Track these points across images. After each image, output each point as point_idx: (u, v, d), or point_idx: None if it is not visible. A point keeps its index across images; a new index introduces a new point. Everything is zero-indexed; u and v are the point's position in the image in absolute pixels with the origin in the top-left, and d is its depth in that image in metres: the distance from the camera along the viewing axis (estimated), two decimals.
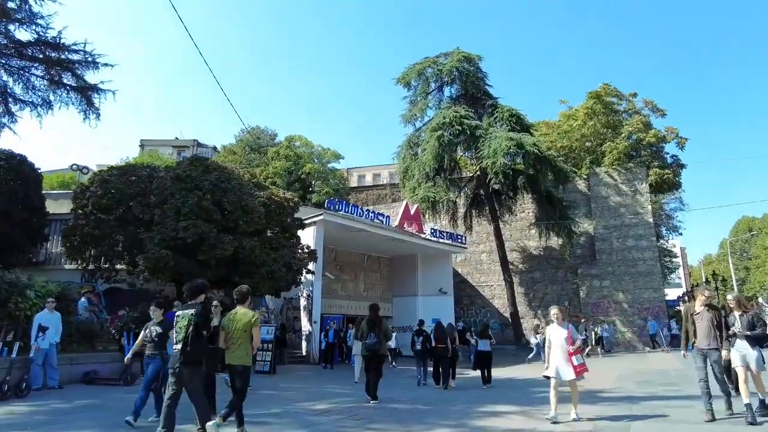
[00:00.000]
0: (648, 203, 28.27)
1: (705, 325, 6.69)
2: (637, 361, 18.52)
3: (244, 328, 5.78)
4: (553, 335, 7.03)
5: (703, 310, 6.80)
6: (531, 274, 30.89)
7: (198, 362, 5.42)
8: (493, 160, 24.01)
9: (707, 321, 6.69)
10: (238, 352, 5.77)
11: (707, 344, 6.61)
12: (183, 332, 5.28)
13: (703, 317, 6.75)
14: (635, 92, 32.15)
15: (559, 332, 6.98)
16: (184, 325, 5.32)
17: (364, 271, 27.48)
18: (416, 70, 29.66)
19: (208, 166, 14.45)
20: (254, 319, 5.91)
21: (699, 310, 6.84)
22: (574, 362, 6.77)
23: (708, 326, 6.65)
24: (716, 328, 6.60)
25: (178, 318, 5.46)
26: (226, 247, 13.48)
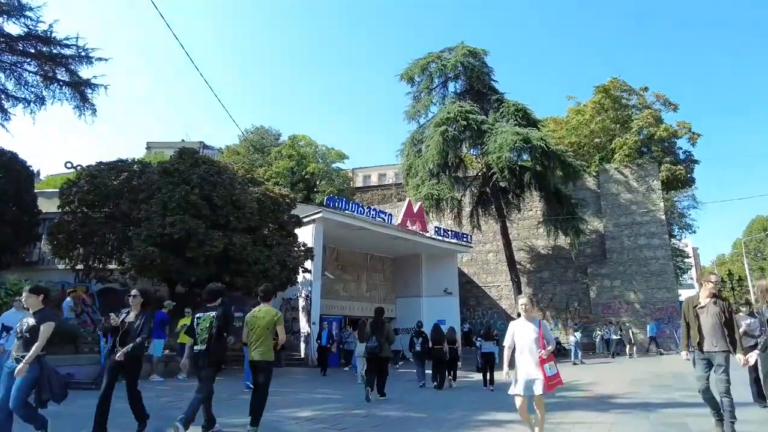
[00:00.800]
0: (660, 200, 27.31)
1: (711, 321, 5.42)
2: (652, 364, 17.62)
3: (267, 326, 5.93)
4: (519, 334, 5.25)
5: (709, 302, 5.51)
6: (539, 274, 29.99)
7: (219, 363, 5.81)
8: (498, 155, 23.18)
9: (713, 316, 5.42)
10: (261, 348, 5.89)
11: (713, 345, 5.35)
12: (205, 334, 5.58)
13: (709, 311, 5.47)
14: (646, 86, 31.22)
15: (527, 330, 5.20)
16: (206, 326, 5.59)
17: (366, 271, 26.78)
18: (420, 65, 28.93)
19: (198, 159, 13.85)
20: (278, 317, 6.09)
21: (704, 303, 5.55)
22: (546, 371, 5.00)
23: (715, 323, 5.39)
24: (725, 325, 5.36)
25: (199, 320, 5.72)
26: (215, 244, 12.84)
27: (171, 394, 9.18)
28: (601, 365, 19.03)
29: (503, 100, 27.03)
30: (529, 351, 5.11)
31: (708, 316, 5.47)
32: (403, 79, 29.50)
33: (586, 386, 11.60)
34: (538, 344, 5.08)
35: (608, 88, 29.52)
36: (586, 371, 16.13)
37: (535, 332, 5.17)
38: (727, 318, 5.40)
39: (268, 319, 5.97)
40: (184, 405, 7.82)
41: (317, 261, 19.74)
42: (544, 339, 5.19)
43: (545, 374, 4.96)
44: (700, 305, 5.58)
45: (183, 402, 8.30)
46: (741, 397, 6.26)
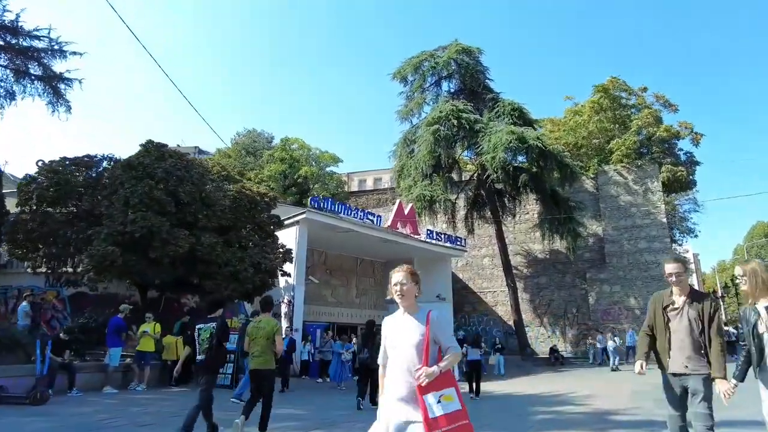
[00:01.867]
0: (661, 202, 26.35)
1: (684, 327, 3.76)
2: (654, 375, 16.56)
3: (267, 336, 6.05)
4: (392, 337, 2.89)
5: (684, 302, 3.83)
6: (536, 280, 28.97)
7: (216, 370, 6.09)
8: (493, 155, 22.24)
9: (688, 321, 3.76)
10: (263, 357, 6.05)
11: (685, 364, 3.71)
12: (206, 344, 5.70)
13: (683, 314, 3.80)
14: (645, 87, 30.35)
15: (406, 331, 2.79)
16: (206, 337, 5.72)
17: (356, 275, 25.73)
18: (412, 64, 28.08)
19: (164, 153, 12.84)
20: (277, 327, 6.24)
21: (678, 303, 3.88)
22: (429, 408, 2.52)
23: (689, 330, 3.74)
24: (704, 334, 3.69)
25: (201, 331, 5.80)
26: (180, 244, 11.82)
27: (113, 410, 8.13)
28: (597, 376, 17.97)
29: (498, 99, 26.15)
30: (405, 369, 2.67)
31: (682, 320, 3.79)
32: (395, 78, 28.68)
33: (582, 400, 10.55)
34: (421, 356, 2.67)
35: (607, 87, 28.66)
36: (583, 382, 15.06)
37: (418, 335, 2.71)
38: (705, 325, 3.70)
39: (269, 329, 6.10)
40: (121, 422, 6.84)
41: (300, 264, 18.71)
42: (435, 345, 2.70)
43: (426, 414, 2.50)
44: (673, 306, 3.91)
45: (120, 419, 7.29)
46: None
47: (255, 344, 6.08)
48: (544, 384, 14.80)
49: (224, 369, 12.54)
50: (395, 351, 2.82)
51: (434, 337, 2.71)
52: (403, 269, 2.94)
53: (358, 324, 24.85)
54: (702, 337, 3.70)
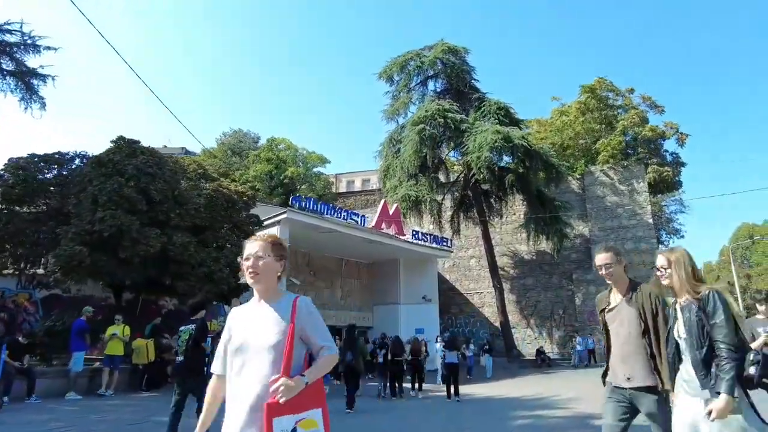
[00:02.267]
0: (647, 203, 26.30)
1: (624, 331, 3.11)
2: None
3: None
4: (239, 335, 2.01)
5: (621, 300, 3.20)
6: (523, 281, 28.80)
7: (199, 371, 5.92)
8: (478, 155, 22.00)
9: (628, 323, 3.10)
10: None
11: (627, 376, 3.01)
12: (184, 345, 5.85)
13: (622, 315, 3.15)
14: (632, 88, 30.41)
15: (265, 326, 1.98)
16: (185, 338, 5.88)
17: (341, 277, 25.34)
18: (398, 63, 27.84)
19: (136, 149, 12.38)
20: None
21: (614, 302, 3.27)
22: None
23: (628, 335, 3.08)
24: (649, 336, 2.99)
25: (181, 332, 6.01)
26: (151, 243, 11.37)
27: (70, 417, 7.69)
28: (583, 378, 17.77)
29: (484, 99, 25.97)
30: (255, 380, 1.90)
31: (621, 324, 3.13)
32: (381, 78, 28.42)
33: (566, 403, 10.29)
34: (279, 361, 1.89)
35: (594, 87, 28.60)
36: (568, 385, 14.82)
37: (277, 331, 1.95)
38: (650, 325, 2.99)
39: None
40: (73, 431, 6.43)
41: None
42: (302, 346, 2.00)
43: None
44: (609, 306, 3.29)
45: (73, 428, 6.87)
46: None
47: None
48: (528, 386, 14.54)
49: None
50: (243, 355, 1.94)
51: (302, 333, 1.97)
52: (260, 238, 2.14)
53: (343, 326, 24.42)
54: (647, 340, 2.96)
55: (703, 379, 2.57)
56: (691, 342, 2.65)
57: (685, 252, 2.86)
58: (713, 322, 2.57)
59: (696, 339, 2.62)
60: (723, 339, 2.52)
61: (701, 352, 2.59)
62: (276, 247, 2.14)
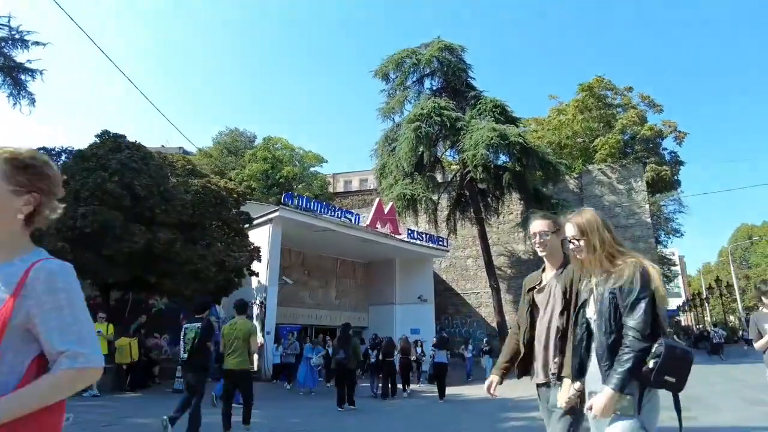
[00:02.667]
0: (645, 202, 26.02)
1: (548, 315, 2.65)
2: None
3: (244, 337, 6.33)
4: None
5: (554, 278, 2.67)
6: (520, 281, 27.99)
7: (203, 369, 6.24)
8: (474, 153, 21.71)
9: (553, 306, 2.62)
10: (238, 358, 6.32)
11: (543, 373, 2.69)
12: (191, 343, 6.03)
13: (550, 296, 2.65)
14: (630, 86, 30.12)
15: None
16: (191, 337, 6.07)
17: (336, 277, 25.07)
18: (394, 61, 27.49)
19: (120, 143, 12.09)
20: (253, 329, 6.58)
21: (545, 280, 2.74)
22: None
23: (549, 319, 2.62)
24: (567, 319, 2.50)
25: (187, 330, 6.19)
26: (135, 240, 11.09)
27: None
28: None
29: (480, 97, 25.64)
30: None
31: (547, 308, 2.63)
32: (377, 76, 28.04)
33: None
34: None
35: (593, 86, 28.32)
36: None
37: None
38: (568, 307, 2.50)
39: (245, 331, 6.39)
40: None
41: (274, 264, 18.02)
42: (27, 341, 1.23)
43: None
44: (540, 286, 2.73)
45: None
46: None
47: (230, 345, 6.35)
48: (525, 388, 14.20)
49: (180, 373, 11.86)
50: None
51: (26, 323, 1.21)
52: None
53: (337, 326, 24.08)
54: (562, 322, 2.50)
55: (605, 372, 2.06)
56: (600, 325, 2.14)
57: (598, 215, 2.32)
58: (627, 302, 2.05)
59: (606, 322, 2.10)
60: (633, 324, 2.01)
61: (609, 337, 2.07)
62: (12, 167, 1.27)
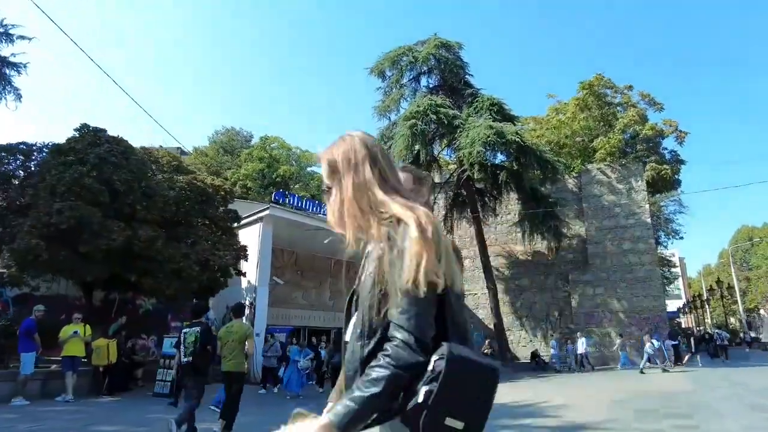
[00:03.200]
0: (645, 202, 25.55)
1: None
2: (635, 381, 15.62)
3: (240, 339, 6.50)
4: None
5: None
6: (517, 282, 28.00)
7: (203, 372, 6.33)
8: (470, 150, 21.25)
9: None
10: (235, 360, 6.47)
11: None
12: (191, 347, 6.13)
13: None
14: (630, 85, 29.67)
15: None
16: (191, 341, 6.16)
17: (330, 277, 24.59)
18: (390, 58, 27.06)
19: (100, 137, 11.62)
20: (249, 331, 6.81)
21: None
22: None
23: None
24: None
25: (186, 334, 6.29)
26: (113, 237, 10.63)
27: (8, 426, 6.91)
28: (578, 382, 17.00)
29: (477, 95, 25.20)
30: None
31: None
32: (373, 74, 27.62)
33: (555, 410, 9.52)
34: None
35: (593, 84, 27.85)
36: (561, 390, 14.06)
37: None
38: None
39: (241, 334, 6.58)
40: None
41: (264, 264, 17.58)
42: None
43: None
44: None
45: None
46: None
47: (227, 347, 6.50)
48: (518, 391, 13.77)
49: (163, 377, 11.40)
50: None
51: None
52: None
53: (331, 328, 23.69)
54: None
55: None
56: (356, 324, 1.28)
57: (367, 140, 1.39)
58: (391, 283, 1.16)
59: (363, 320, 1.24)
60: (400, 321, 1.13)
61: (366, 346, 1.20)
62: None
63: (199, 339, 6.15)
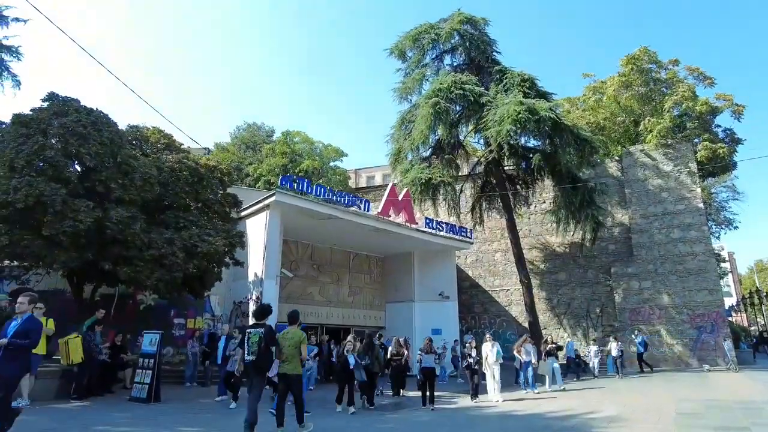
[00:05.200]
0: (697, 185, 22.91)
1: None
2: (700, 386, 13.33)
3: (295, 345, 7.06)
4: None
5: None
6: (554, 276, 25.72)
7: (264, 370, 6.89)
8: (498, 129, 19.22)
9: None
10: (291, 364, 7.03)
11: None
12: (255, 347, 6.70)
13: None
14: (676, 59, 26.88)
15: None
16: (255, 341, 6.72)
17: (349, 272, 22.94)
18: (411, 37, 25.14)
19: (68, 107, 10.22)
20: (303, 338, 7.27)
21: None
22: None
23: None
24: None
25: (250, 335, 6.86)
26: (80, 218, 9.21)
27: None
28: (629, 386, 14.75)
29: (507, 71, 23.05)
30: None
31: None
32: (393, 54, 25.80)
33: (605, 427, 7.51)
34: None
35: (638, 57, 25.27)
36: (609, 396, 11.93)
37: None
38: None
39: (296, 340, 7.07)
40: None
41: (272, 255, 16.00)
42: None
43: None
44: None
45: None
46: None
47: (283, 353, 6.93)
48: (563, 400, 11.76)
49: (141, 378, 9.91)
50: None
51: None
52: None
53: (351, 326, 22.05)
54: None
55: None
56: None
57: None
58: None
59: None
60: None
61: None
62: None
63: (263, 340, 6.62)
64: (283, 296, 19.56)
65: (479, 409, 10.17)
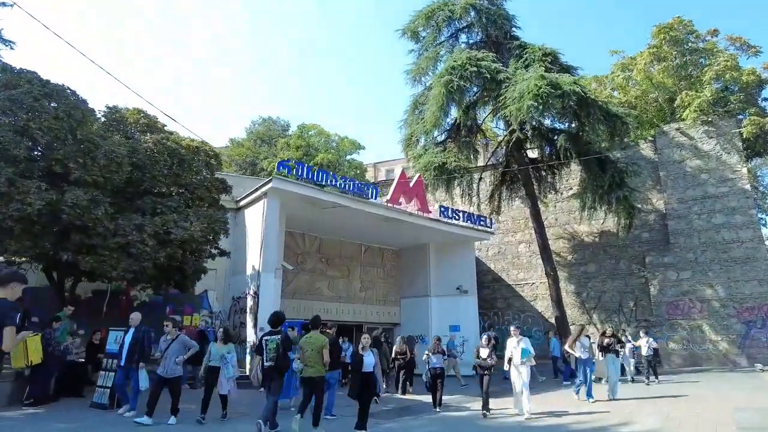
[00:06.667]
0: (742, 164, 20.72)
1: None
2: (757, 389, 11.49)
3: (317, 350, 7.32)
4: None
5: None
6: (583, 267, 23.82)
7: (283, 373, 7.57)
8: (518, 106, 17.55)
9: None
10: (315, 368, 7.26)
11: None
12: (273, 353, 7.24)
13: None
14: (716, 29, 24.57)
15: None
16: (273, 347, 7.27)
17: (360, 265, 21.61)
18: (424, 15, 23.56)
19: (22, 78, 9.11)
20: (325, 342, 7.47)
21: None
22: None
23: None
24: None
25: (269, 341, 7.33)
26: (30, 200, 8.10)
27: None
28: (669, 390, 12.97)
29: (527, 46, 21.29)
30: None
31: None
32: (405, 34, 24.31)
33: None
34: None
35: (672, 25, 23.13)
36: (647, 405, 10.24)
37: None
38: None
39: (318, 344, 7.35)
40: None
41: (271, 246, 14.79)
42: None
43: None
44: None
45: None
46: None
47: (307, 356, 7.32)
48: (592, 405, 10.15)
49: (104, 381, 8.76)
50: None
51: None
52: None
53: (363, 322, 20.76)
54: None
55: None
56: None
57: None
58: None
59: None
60: None
61: None
62: None
63: (280, 346, 7.19)
64: (288, 292, 18.40)
65: (491, 419, 8.69)
